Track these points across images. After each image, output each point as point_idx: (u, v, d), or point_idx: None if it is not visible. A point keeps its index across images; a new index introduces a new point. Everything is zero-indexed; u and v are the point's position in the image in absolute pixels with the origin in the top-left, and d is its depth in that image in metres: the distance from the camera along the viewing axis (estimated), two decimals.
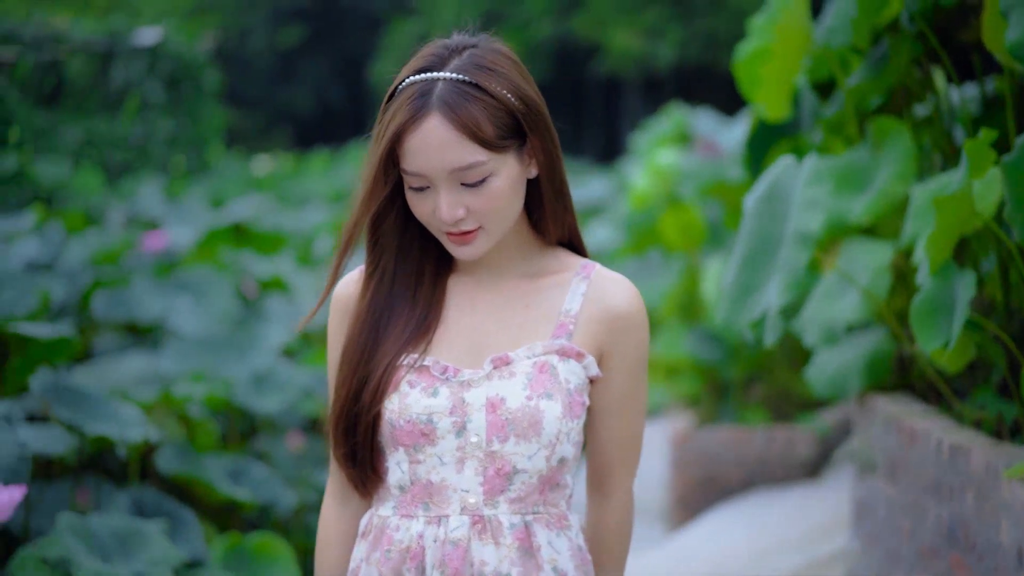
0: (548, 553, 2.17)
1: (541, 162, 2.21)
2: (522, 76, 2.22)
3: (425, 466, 2.18)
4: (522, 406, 2.15)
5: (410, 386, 2.19)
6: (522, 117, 2.16)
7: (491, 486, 2.17)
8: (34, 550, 3.68)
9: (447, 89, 2.13)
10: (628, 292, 2.24)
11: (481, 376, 2.18)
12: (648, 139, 7.73)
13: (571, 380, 2.17)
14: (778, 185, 3.23)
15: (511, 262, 2.28)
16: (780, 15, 3.71)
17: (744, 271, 3.28)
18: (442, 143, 2.11)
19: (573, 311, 2.22)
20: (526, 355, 2.18)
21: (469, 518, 2.17)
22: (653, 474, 7.08)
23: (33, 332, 4.39)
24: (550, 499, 2.20)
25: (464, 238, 2.17)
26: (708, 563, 5.31)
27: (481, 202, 2.14)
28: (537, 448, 2.15)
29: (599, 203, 15.70)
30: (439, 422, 2.16)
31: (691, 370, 6.54)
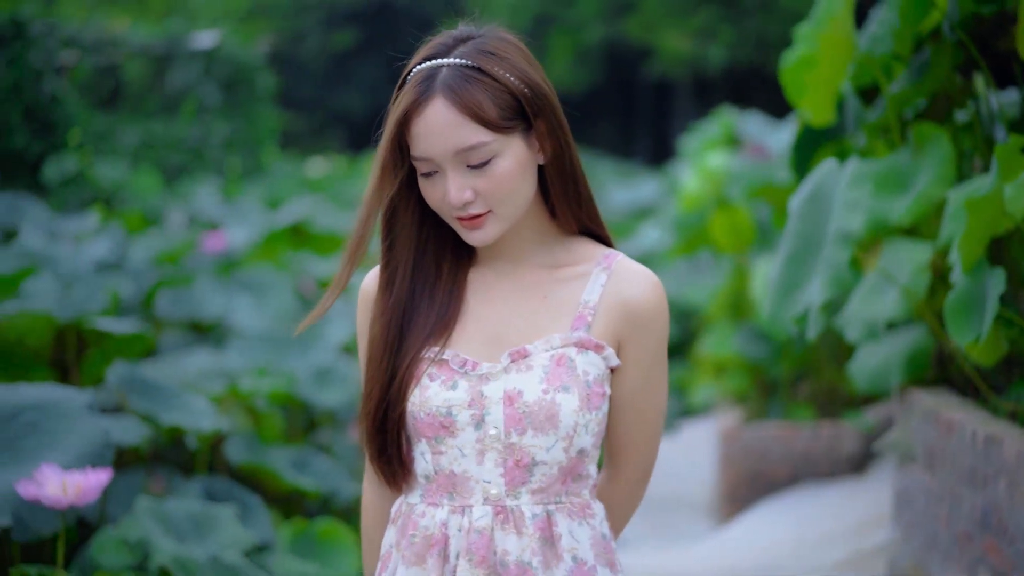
0: (568, 542, 2.20)
1: (549, 148, 2.21)
2: (528, 62, 2.23)
3: (447, 457, 2.21)
4: (539, 399, 2.16)
5: (430, 379, 2.21)
6: (525, 100, 2.18)
7: (512, 477, 2.19)
8: (114, 532, 3.89)
9: (450, 73, 2.16)
10: (649, 283, 2.24)
11: (499, 369, 2.19)
12: (697, 142, 7.89)
13: (590, 372, 2.19)
14: (821, 187, 3.40)
15: (531, 252, 2.29)
16: (825, 24, 3.87)
17: (788, 269, 3.44)
18: (445, 125, 2.14)
19: (592, 302, 2.22)
20: (544, 348, 2.20)
21: (492, 508, 2.19)
22: (702, 469, 7.24)
23: (110, 327, 4.60)
24: (572, 489, 2.22)
25: (474, 222, 2.18)
26: (754, 555, 5.45)
27: (488, 184, 2.16)
28: (555, 440, 2.16)
29: (650, 205, 15.82)
30: (458, 415, 2.19)
31: (739, 368, 6.69)
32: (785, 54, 4.22)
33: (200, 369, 5.76)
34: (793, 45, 4.25)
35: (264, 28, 29.41)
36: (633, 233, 12.71)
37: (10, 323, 4.48)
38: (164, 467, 4.96)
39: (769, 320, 3.49)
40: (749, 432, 6.21)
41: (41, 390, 3.69)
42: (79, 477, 3.18)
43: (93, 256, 7.88)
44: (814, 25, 4.06)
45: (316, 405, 5.71)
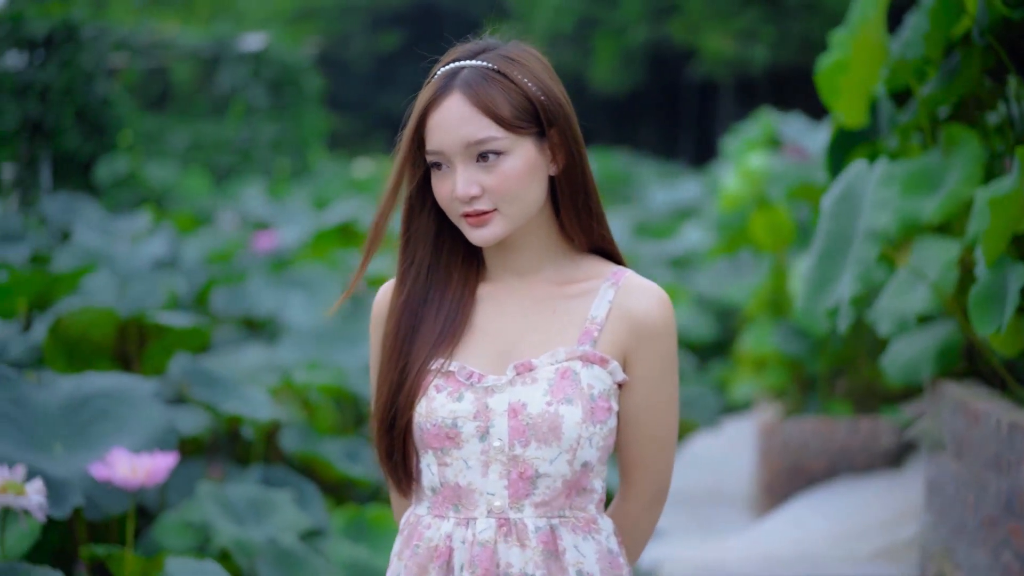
0: (573, 556, 2.20)
1: (561, 158, 2.25)
2: (548, 74, 2.27)
3: (452, 469, 2.22)
4: (542, 411, 2.17)
5: (437, 391, 2.22)
6: (541, 107, 2.21)
7: (515, 489, 2.19)
8: (177, 515, 4.08)
9: (471, 73, 2.21)
10: (656, 299, 2.25)
11: (504, 382, 2.21)
12: (738, 143, 8.02)
13: (595, 386, 2.20)
14: (852, 187, 3.55)
15: (540, 267, 2.30)
16: (858, 29, 4.01)
17: (821, 265, 3.59)
18: (459, 118, 2.18)
19: (599, 317, 2.24)
20: (549, 361, 2.21)
21: (496, 520, 2.20)
22: (742, 464, 7.37)
23: (170, 321, 4.80)
24: (577, 503, 2.22)
25: (480, 219, 2.20)
26: (791, 545, 5.58)
27: (495, 181, 2.18)
28: (558, 452, 2.18)
29: (692, 205, 15.94)
30: (463, 426, 2.20)
31: (778, 364, 6.82)
32: (821, 58, 4.37)
33: (254, 363, 5.96)
34: (829, 49, 4.40)
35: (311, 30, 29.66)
36: (675, 234, 12.84)
37: (75, 318, 4.69)
38: (222, 457, 5.16)
39: (802, 314, 3.64)
40: (788, 427, 6.34)
41: (109, 379, 3.89)
42: (147, 459, 3.36)
43: (148, 254, 8.10)
44: (848, 30, 4.21)
45: (365, 398, 5.89)
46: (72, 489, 3.45)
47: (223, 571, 3.36)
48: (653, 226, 13.53)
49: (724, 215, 7.44)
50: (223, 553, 3.94)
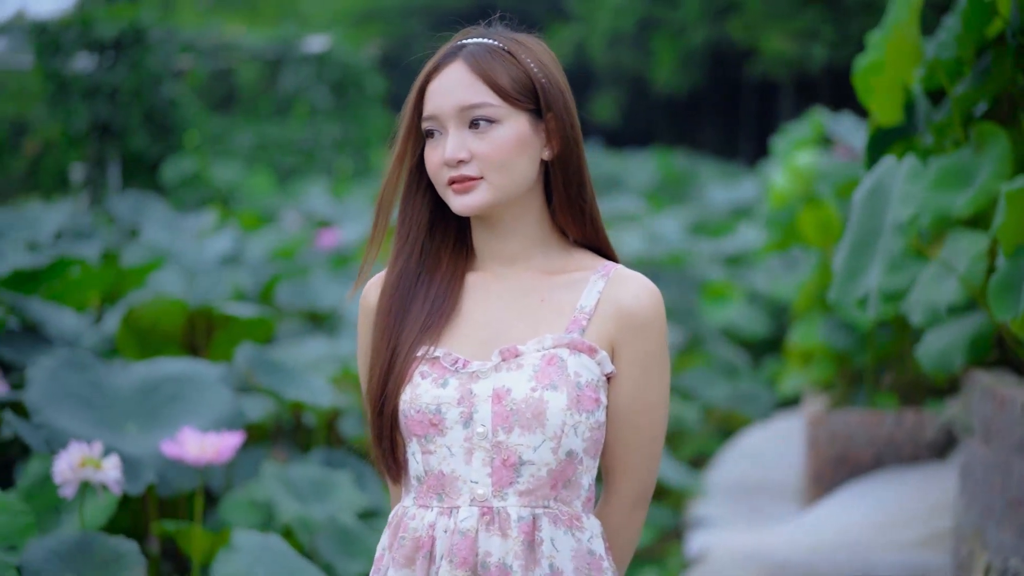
0: (548, 549, 2.17)
1: (556, 145, 2.25)
2: (553, 64, 2.29)
3: (436, 456, 2.20)
4: (526, 397, 2.15)
5: (422, 377, 2.21)
6: (541, 88, 2.23)
7: (499, 477, 2.17)
8: (242, 494, 4.31)
9: (476, 46, 2.26)
10: (644, 291, 2.25)
11: (489, 367, 2.19)
12: (789, 142, 8.18)
13: (582, 374, 2.18)
14: (881, 182, 3.72)
15: (530, 256, 2.29)
16: (892, 31, 4.17)
17: (852, 257, 3.76)
18: (457, 83, 2.21)
19: (588, 307, 2.23)
20: (535, 348, 2.20)
21: (478, 509, 2.17)
22: (791, 455, 7.51)
23: (237, 312, 5.03)
24: (563, 496, 2.20)
25: (465, 185, 2.20)
26: (835, 534, 5.72)
27: (485, 148, 2.19)
28: (542, 439, 2.16)
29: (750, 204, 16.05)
30: (447, 412, 2.18)
31: (825, 357, 6.97)
32: (857, 59, 4.53)
33: (316, 354, 6.18)
34: (865, 51, 4.56)
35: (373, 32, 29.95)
36: (731, 232, 12.98)
37: (146, 308, 4.93)
38: (285, 443, 5.39)
39: (834, 303, 3.80)
40: (835, 418, 6.48)
41: (180, 364, 4.13)
42: (215, 438, 3.59)
43: (214, 251, 8.37)
44: (883, 32, 4.37)
45: None
46: (145, 466, 3.68)
47: (286, 544, 3.57)
48: (710, 225, 13.67)
49: (773, 212, 7.59)
50: (286, 530, 4.16)
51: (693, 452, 8.70)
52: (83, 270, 6.58)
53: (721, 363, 9.57)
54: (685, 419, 8.55)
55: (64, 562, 3.26)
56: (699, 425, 8.83)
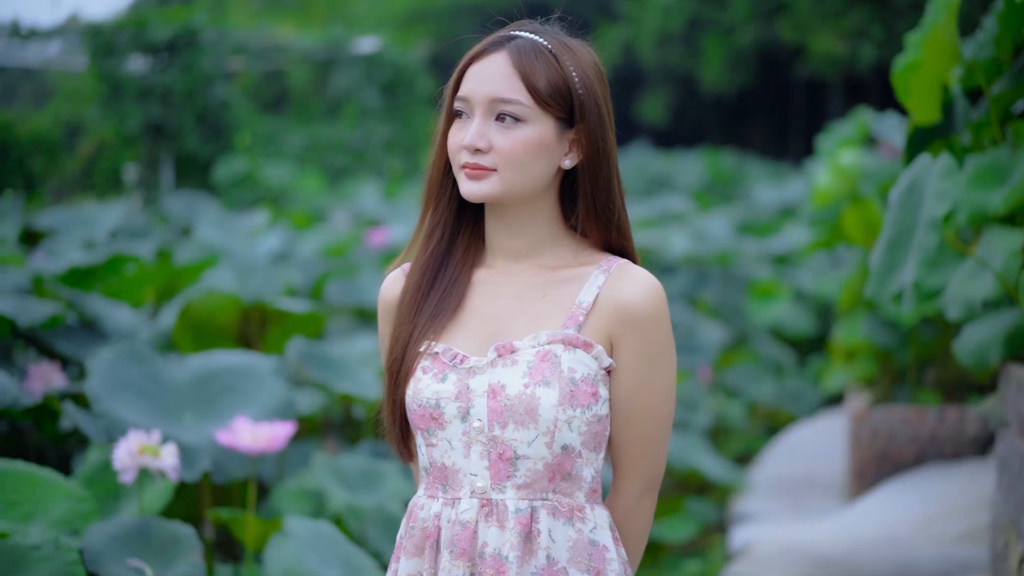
0: (545, 540, 2.20)
1: (586, 153, 2.26)
2: (598, 76, 2.29)
3: (438, 450, 2.24)
4: (520, 393, 2.18)
5: (423, 372, 2.26)
6: (577, 99, 2.24)
7: (496, 470, 2.21)
8: (294, 483, 4.44)
9: (524, 41, 2.26)
10: (644, 286, 2.25)
11: (485, 363, 2.23)
12: (833, 141, 8.23)
13: (576, 369, 2.20)
14: (916, 180, 3.80)
15: (536, 253, 2.31)
16: (930, 32, 4.25)
17: (888, 253, 3.84)
18: (495, 74, 2.22)
19: (586, 302, 2.25)
20: (531, 344, 2.22)
21: (478, 501, 2.21)
22: (835, 452, 7.57)
23: (289, 307, 5.17)
24: (562, 488, 2.23)
25: (477, 172, 2.22)
26: (877, 528, 5.79)
27: (505, 143, 2.20)
28: (536, 434, 2.18)
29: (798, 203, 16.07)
30: (446, 407, 2.22)
31: (868, 354, 7.03)
32: (896, 59, 4.61)
33: (365, 350, 6.30)
34: (904, 51, 4.63)
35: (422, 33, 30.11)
36: (779, 232, 13.02)
37: (202, 303, 5.07)
38: (334, 436, 5.51)
39: (871, 298, 3.88)
40: (877, 415, 6.54)
41: (234, 356, 4.25)
42: (268, 428, 3.70)
43: (266, 249, 8.52)
44: (921, 33, 4.44)
45: None
46: (201, 455, 3.80)
47: (337, 531, 3.69)
48: (757, 224, 13.71)
49: (817, 211, 7.66)
50: (336, 518, 4.28)
51: (739, 449, 8.78)
52: (138, 268, 6.73)
53: (767, 361, 9.64)
54: (730, 416, 8.63)
55: (124, 545, 3.38)
56: (744, 422, 8.90)
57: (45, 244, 8.95)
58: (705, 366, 9.00)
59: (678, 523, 7.13)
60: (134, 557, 3.38)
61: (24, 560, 3.19)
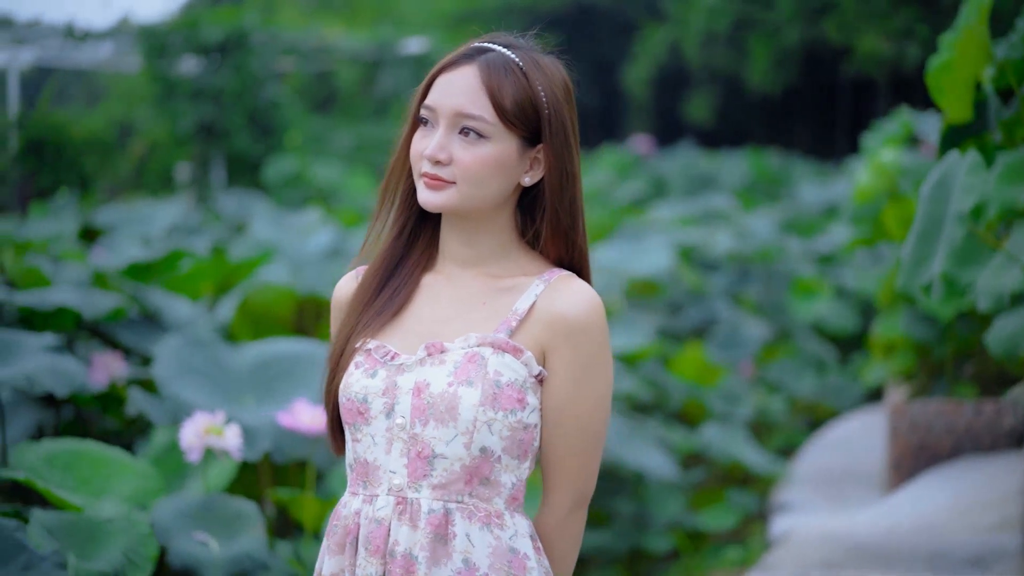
0: (462, 544, 2.19)
1: (550, 173, 2.27)
2: (566, 96, 2.31)
3: (362, 445, 2.25)
4: (443, 392, 2.19)
5: (356, 367, 2.27)
6: (543, 119, 2.25)
7: (414, 468, 2.21)
8: None
9: (496, 56, 2.25)
10: (580, 298, 2.25)
11: (414, 361, 2.24)
12: (876, 140, 8.36)
13: (503, 373, 2.20)
14: (946, 175, 3.95)
15: (485, 263, 2.32)
16: (962, 33, 4.40)
17: (918, 245, 4.00)
18: (463, 87, 2.22)
19: (521, 310, 2.25)
20: (461, 345, 2.23)
21: (394, 499, 2.21)
22: (874, 445, 7.71)
23: None
24: (479, 493, 2.22)
25: (436, 183, 2.22)
26: (914, 518, 5.92)
27: (467, 158, 2.21)
28: (454, 434, 2.19)
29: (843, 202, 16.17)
30: (372, 402, 2.23)
31: (906, 348, 7.17)
32: (930, 59, 4.75)
33: None
34: (938, 52, 4.78)
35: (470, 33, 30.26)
36: (823, 231, 13.14)
37: (260, 296, 5.29)
38: None
39: (902, 290, 4.03)
40: (915, 407, 6.67)
41: (291, 344, 4.46)
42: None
43: (317, 246, 8.73)
44: (954, 34, 4.59)
45: None
46: (262, 435, 4.00)
47: None
48: (801, 223, 13.82)
49: (858, 209, 7.79)
50: None
51: (781, 443, 8.92)
52: (195, 263, 6.95)
53: (809, 357, 9.77)
54: (771, 410, 8.78)
55: (190, 520, 3.59)
56: (785, 416, 9.04)
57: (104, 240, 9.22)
58: (747, 361, 9.15)
59: (720, 513, 7.29)
60: (200, 531, 3.58)
61: (99, 532, 3.40)
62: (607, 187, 18.61)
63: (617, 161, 20.12)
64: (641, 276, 9.64)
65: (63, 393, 4.07)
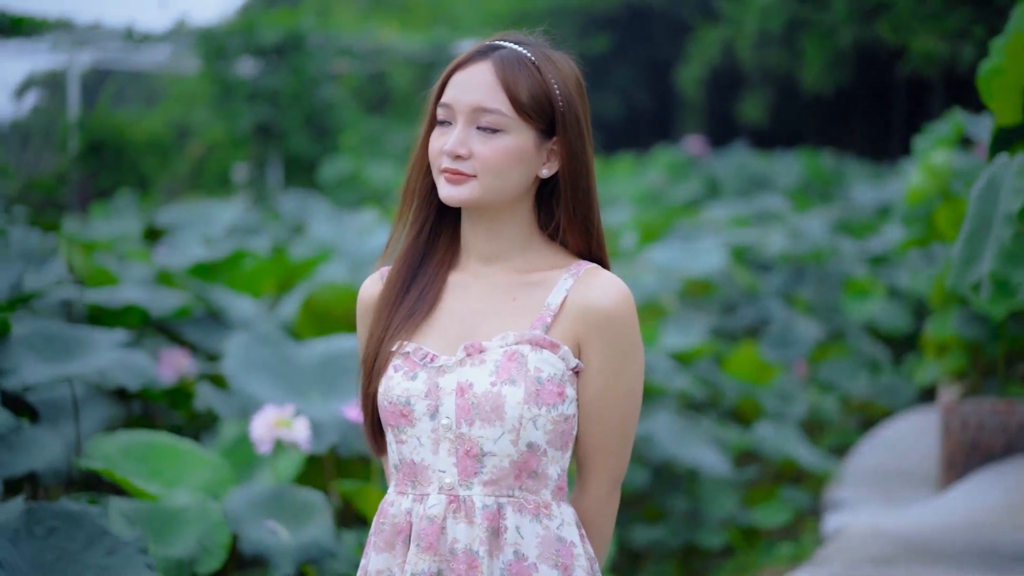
0: (512, 536, 2.24)
1: (565, 164, 2.32)
2: (578, 90, 2.35)
3: (408, 446, 2.29)
4: (486, 391, 2.22)
5: (395, 370, 2.31)
6: (557, 112, 2.29)
7: (464, 467, 2.25)
8: None
9: (509, 52, 2.30)
10: (611, 290, 2.30)
11: (454, 362, 2.27)
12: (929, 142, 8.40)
13: (543, 369, 2.24)
14: (995, 177, 4.03)
15: (508, 256, 2.36)
16: (1012, 38, 4.48)
17: (967, 245, 4.08)
18: (479, 83, 2.27)
19: (554, 305, 2.29)
20: (499, 344, 2.27)
21: (446, 497, 2.25)
22: (927, 443, 7.76)
23: None
24: (528, 486, 2.26)
25: (456, 177, 2.27)
26: (964, 515, 5.97)
27: (486, 152, 2.26)
28: (501, 432, 2.23)
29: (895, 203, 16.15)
30: (416, 404, 2.27)
31: (958, 348, 7.22)
32: (981, 64, 4.83)
33: None
34: (989, 56, 4.86)
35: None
36: (875, 232, 13.16)
37: (322, 294, 5.43)
38: None
39: (951, 288, 4.12)
40: (967, 406, 6.72)
41: (354, 341, 4.59)
42: None
43: (375, 245, 8.87)
44: (1005, 38, 4.67)
45: None
46: (328, 429, 4.14)
47: None
48: (854, 224, 13.85)
49: (910, 210, 7.85)
50: None
51: (835, 443, 8.98)
52: (256, 262, 7.11)
53: (863, 357, 9.82)
54: (824, 409, 8.84)
55: (261, 509, 3.73)
56: (838, 416, 9.10)
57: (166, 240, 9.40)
58: (800, 360, 9.22)
59: (773, 510, 7.37)
60: (270, 520, 3.72)
61: (174, 520, 3.55)
62: (661, 188, 18.66)
63: (670, 162, 20.17)
64: (695, 276, 9.73)
65: (135, 387, 4.21)
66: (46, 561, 3.02)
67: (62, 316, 5.19)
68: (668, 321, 8.69)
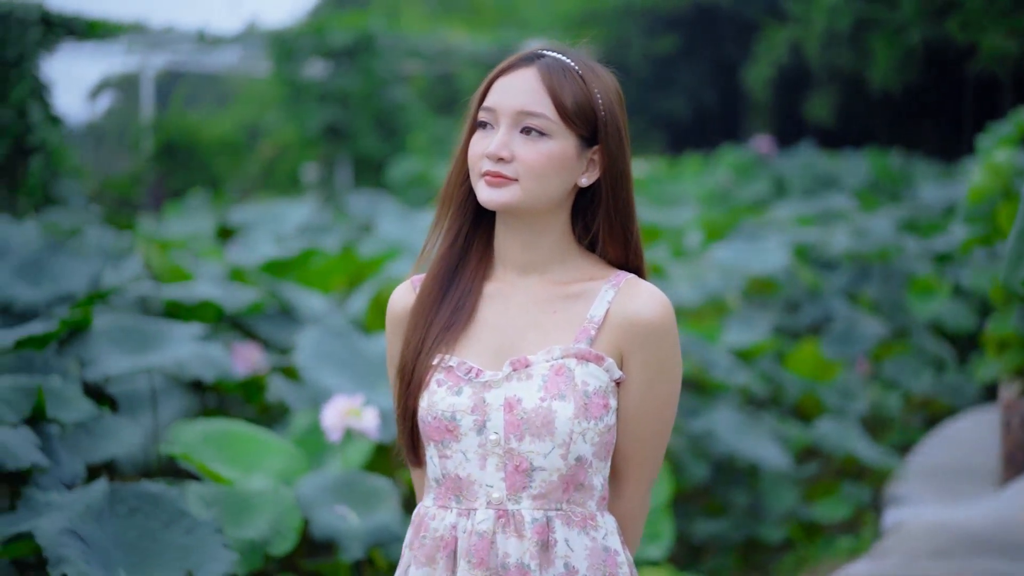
0: (563, 549, 2.25)
1: (605, 173, 2.32)
2: (619, 103, 2.35)
3: (452, 461, 2.27)
4: (536, 407, 2.22)
5: (438, 385, 2.29)
6: (600, 121, 2.30)
7: (512, 482, 2.25)
8: None
9: (553, 60, 2.30)
10: (653, 301, 2.30)
11: (500, 377, 2.26)
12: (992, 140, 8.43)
13: (589, 383, 2.25)
14: None
15: (546, 267, 2.35)
16: None
17: (1018, 242, 4.16)
18: (524, 88, 2.27)
19: (597, 317, 2.29)
20: (544, 358, 2.26)
21: (494, 512, 2.25)
22: (989, 440, 7.81)
23: None
24: (575, 498, 2.28)
25: (498, 180, 2.25)
26: (1022, 510, 6.05)
27: (529, 154, 2.25)
28: (552, 447, 2.23)
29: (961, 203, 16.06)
30: (462, 419, 2.25)
31: (1018, 345, 7.26)
32: None
33: None
34: None
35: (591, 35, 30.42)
36: (942, 231, 13.16)
37: (388, 290, 5.58)
38: None
39: (1003, 283, 4.19)
40: None
41: None
42: None
43: None
44: None
45: None
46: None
47: None
48: (920, 223, 13.84)
49: (972, 208, 7.88)
50: None
51: (897, 440, 9.02)
52: (325, 260, 7.29)
53: (927, 355, 9.85)
54: (886, 407, 8.89)
55: (331, 494, 3.88)
56: (900, 413, 9.14)
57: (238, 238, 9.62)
58: (863, 358, 9.27)
59: (833, 505, 7.44)
60: (340, 504, 3.87)
61: (248, 503, 3.71)
62: (728, 187, 18.69)
63: (737, 161, 20.18)
64: (758, 274, 9.80)
65: (211, 379, 4.37)
66: (128, 539, 3.18)
67: (139, 312, 5.37)
68: (731, 319, 8.77)
